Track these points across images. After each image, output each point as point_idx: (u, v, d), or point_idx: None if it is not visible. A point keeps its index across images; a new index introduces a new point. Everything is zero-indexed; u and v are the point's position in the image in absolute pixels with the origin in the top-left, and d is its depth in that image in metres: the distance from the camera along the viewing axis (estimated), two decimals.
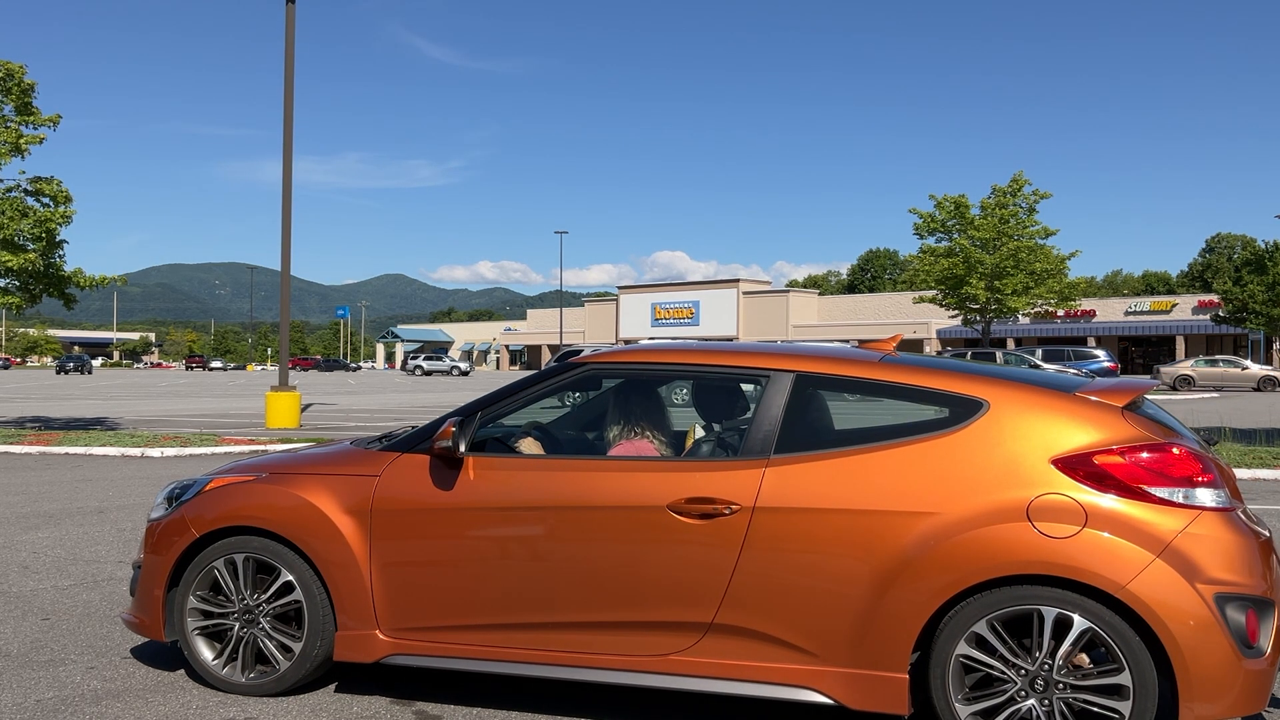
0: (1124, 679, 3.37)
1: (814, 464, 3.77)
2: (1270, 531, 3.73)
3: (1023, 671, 3.48)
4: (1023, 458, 3.60)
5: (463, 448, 4.08)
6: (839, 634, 3.64)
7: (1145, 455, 3.54)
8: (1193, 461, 3.55)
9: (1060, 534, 3.45)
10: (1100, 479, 3.52)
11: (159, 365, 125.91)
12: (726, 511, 3.76)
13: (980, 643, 3.52)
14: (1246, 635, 3.38)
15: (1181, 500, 3.48)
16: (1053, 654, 3.44)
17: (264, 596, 4.30)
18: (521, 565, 3.99)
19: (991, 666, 3.51)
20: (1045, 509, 3.50)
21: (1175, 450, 3.56)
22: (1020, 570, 3.45)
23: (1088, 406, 3.70)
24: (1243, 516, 3.60)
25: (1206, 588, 3.36)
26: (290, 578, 4.25)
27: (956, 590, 3.50)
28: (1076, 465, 3.55)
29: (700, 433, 4.55)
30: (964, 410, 3.75)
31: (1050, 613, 3.44)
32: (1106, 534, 3.43)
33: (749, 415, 4.09)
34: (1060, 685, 3.44)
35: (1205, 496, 3.50)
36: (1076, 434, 3.61)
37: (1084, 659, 3.49)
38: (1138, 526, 3.43)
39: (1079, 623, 3.41)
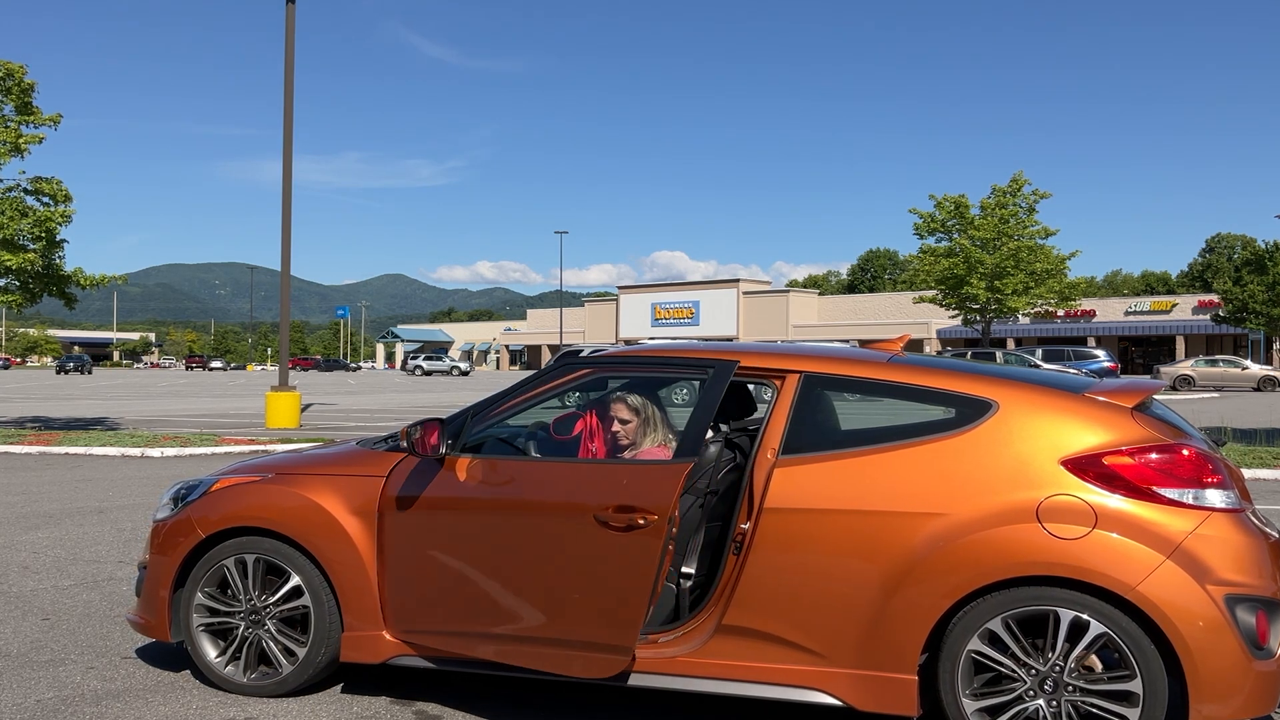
0: (1135, 685, 3.35)
1: (821, 465, 3.75)
2: (1279, 532, 3.71)
3: (1033, 671, 3.45)
4: (1032, 458, 3.58)
5: (466, 448, 4.06)
6: (847, 635, 3.61)
7: (1155, 456, 3.52)
8: (1202, 462, 3.53)
9: (1070, 535, 3.43)
10: (1110, 480, 3.50)
11: (156, 365, 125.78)
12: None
13: (993, 640, 3.49)
14: (1257, 636, 3.36)
15: (1191, 501, 3.47)
16: (1065, 656, 3.42)
17: (271, 599, 4.28)
18: (525, 566, 3.96)
19: (1002, 664, 3.48)
20: (1055, 510, 3.47)
21: (1185, 451, 3.54)
22: (1029, 571, 3.42)
23: (1097, 407, 3.68)
24: (1252, 517, 3.59)
25: (1217, 589, 3.34)
26: (299, 581, 4.22)
27: (965, 591, 3.47)
28: (1086, 466, 3.53)
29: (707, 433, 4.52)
30: (973, 411, 3.73)
31: (1066, 615, 3.41)
32: (1116, 535, 3.41)
33: (755, 415, 4.07)
34: (1070, 687, 3.42)
35: (1215, 497, 3.48)
36: (1086, 435, 3.59)
37: (1096, 662, 3.47)
38: (1147, 528, 3.41)
39: (1095, 626, 3.38)
